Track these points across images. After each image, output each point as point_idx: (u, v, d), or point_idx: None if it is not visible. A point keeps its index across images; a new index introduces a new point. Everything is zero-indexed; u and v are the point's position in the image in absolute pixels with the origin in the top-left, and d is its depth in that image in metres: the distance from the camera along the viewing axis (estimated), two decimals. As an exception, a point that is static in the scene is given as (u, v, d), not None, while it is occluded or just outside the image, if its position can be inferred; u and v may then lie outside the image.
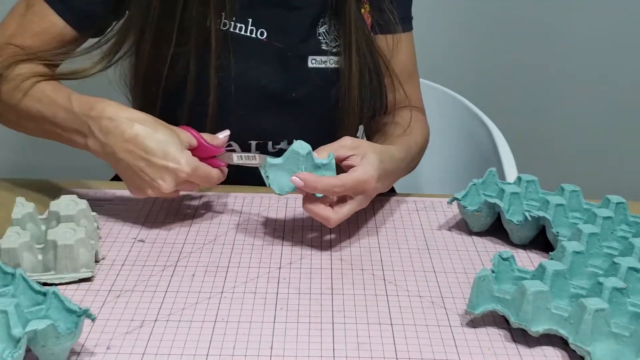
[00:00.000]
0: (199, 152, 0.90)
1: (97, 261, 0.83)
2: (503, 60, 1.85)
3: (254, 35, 1.02)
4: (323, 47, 1.05)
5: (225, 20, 1.00)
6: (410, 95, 1.13)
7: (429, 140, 1.13)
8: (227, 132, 0.95)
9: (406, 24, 1.14)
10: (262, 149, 1.06)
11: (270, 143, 1.06)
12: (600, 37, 1.82)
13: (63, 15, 1.02)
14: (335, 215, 0.87)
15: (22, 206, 0.84)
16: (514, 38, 1.82)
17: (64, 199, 0.86)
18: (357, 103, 1.04)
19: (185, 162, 0.87)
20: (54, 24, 1.02)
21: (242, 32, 1.02)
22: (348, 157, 0.89)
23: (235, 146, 1.04)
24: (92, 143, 0.90)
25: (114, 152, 0.88)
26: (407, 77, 1.15)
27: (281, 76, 1.03)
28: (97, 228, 0.88)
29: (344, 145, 0.90)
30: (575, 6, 1.79)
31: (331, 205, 0.88)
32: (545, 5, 1.79)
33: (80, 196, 0.88)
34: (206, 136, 0.93)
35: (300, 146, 0.87)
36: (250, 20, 1.02)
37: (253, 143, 1.05)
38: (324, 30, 1.05)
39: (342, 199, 0.88)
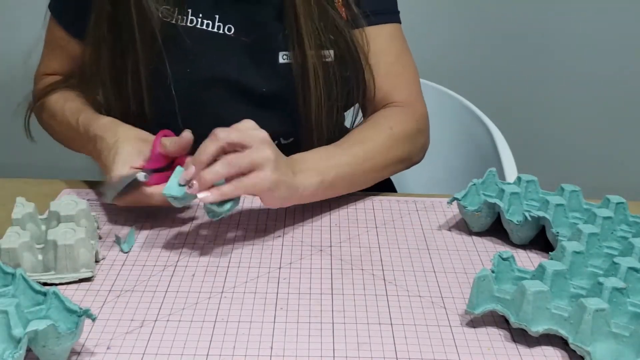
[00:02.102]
0: (152, 162, 0.90)
1: (97, 261, 0.83)
2: (503, 60, 1.85)
3: (221, 32, 1.02)
4: None
5: (192, 17, 1.01)
6: (392, 90, 1.08)
7: (410, 130, 1.05)
8: (188, 134, 0.90)
9: (379, 16, 1.07)
10: None
11: None
12: (600, 37, 1.83)
13: (59, 21, 1.05)
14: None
15: (22, 206, 0.84)
16: (515, 38, 1.82)
17: (64, 199, 0.86)
18: (315, 96, 1.01)
19: (115, 173, 0.89)
20: (61, 37, 1.06)
21: (210, 29, 1.02)
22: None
23: None
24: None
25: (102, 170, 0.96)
26: (387, 71, 1.08)
27: (251, 71, 1.03)
28: (97, 228, 0.88)
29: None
30: (575, 6, 1.79)
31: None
32: (546, 5, 1.79)
33: (80, 196, 0.88)
34: (172, 140, 0.90)
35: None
36: (217, 16, 1.02)
37: None
38: None
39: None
